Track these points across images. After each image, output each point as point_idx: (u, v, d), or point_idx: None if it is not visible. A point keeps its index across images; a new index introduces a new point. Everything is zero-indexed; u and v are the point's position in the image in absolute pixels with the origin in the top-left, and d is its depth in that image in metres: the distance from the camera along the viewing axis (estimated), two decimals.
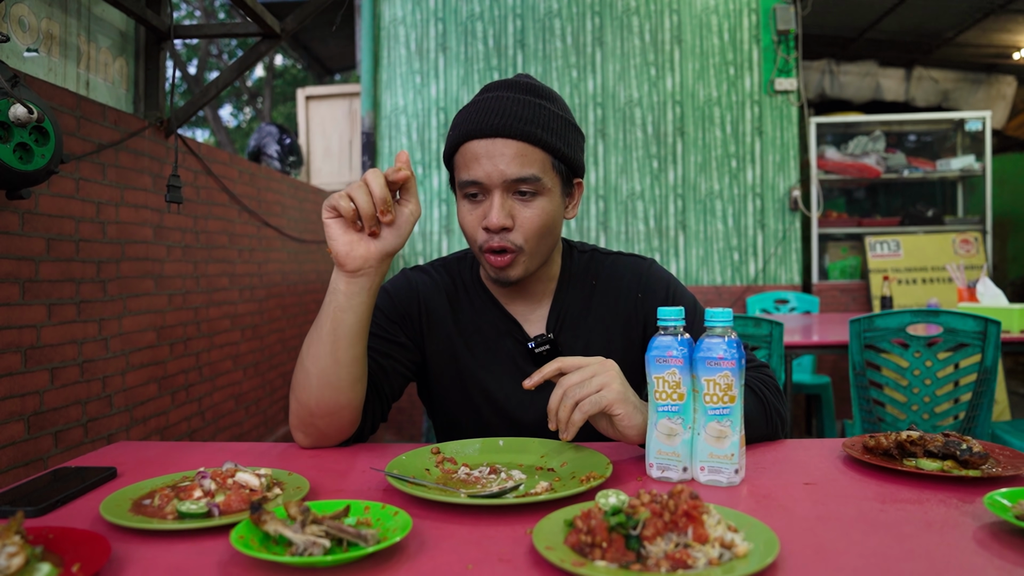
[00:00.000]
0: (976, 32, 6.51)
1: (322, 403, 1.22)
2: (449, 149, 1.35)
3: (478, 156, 1.28)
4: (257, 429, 3.94)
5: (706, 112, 5.71)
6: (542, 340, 1.40)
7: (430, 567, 0.78)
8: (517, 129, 1.28)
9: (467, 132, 1.30)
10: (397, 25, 5.94)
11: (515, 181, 1.27)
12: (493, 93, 1.34)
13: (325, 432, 1.27)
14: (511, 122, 1.28)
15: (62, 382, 2.39)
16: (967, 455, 1.06)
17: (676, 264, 5.70)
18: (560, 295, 1.45)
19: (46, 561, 0.77)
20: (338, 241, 1.16)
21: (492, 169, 1.27)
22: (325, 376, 1.21)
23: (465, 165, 1.30)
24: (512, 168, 1.27)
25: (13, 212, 2.18)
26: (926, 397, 2.55)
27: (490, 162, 1.27)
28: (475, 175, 1.28)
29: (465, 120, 1.32)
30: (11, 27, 2.40)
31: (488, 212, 1.28)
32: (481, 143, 1.28)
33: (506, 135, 1.27)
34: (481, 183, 1.28)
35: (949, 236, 5.51)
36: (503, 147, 1.27)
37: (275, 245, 4.18)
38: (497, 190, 1.28)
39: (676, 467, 1.07)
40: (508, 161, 1.27)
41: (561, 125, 1.33)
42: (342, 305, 1.18)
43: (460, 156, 1.32)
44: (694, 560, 0.74)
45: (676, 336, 1.07)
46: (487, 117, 1.29)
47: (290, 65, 15.67)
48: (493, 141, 1.28)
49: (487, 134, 1.28)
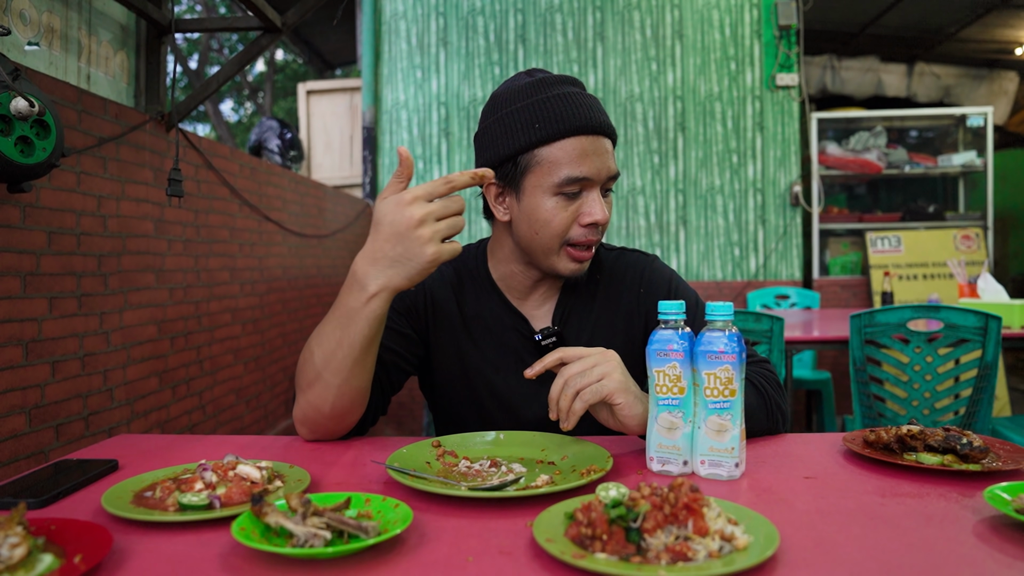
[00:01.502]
0: (978, 28, 6.50)
1: (338, 407, 1.22)
2: (537, 142, 1.28)
3: (586, 152, 1.28)
4: (258, 423, 3.95)
5: (707, 107, 5.70)
6: (548, 332, 1.40)
7: (431, 559, 0.79)
8: (612, 128, 1.33)
9: (574, 127, 1.27)
10: (398, 20, 5.93)
11: (611, 179, 1.32)
12: (572, 89, 1.33)
13: (333, 430, 1.28)
14: (606, 121, 1.32)
15: (63, 375, 2.39)
16: (967, 449, 1.06)
17: (677, 259, 5.70)
18: (567, 291, 1.45)
19: (48, 552, 0.77)
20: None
21: (602, 166, 1.29)
22: (348, 385, 1.19)
23: (569, 161, 1.27)
24: (613, 164, 1.32)
25: (14, 206, 2.18)
26: (927, 393, 2.55)
27: (599, 159, 1.29)
28: (587, 172, 1.27)
29: (562, 116, 1.28)
30: (12, 20, 2.40)
31: (592, 208, 1.29)
32: (589, 139, 1.28)
33: (606, 134, 1.31)
34: (591, 180, 1.29)
35: (950, 232, 5.50)
36: (606, 144, 1.31)
37: (276, 239, 4.18)
38: (598, 187, 1.31)
39: (677, 461, 1.07)
40: (610, 158, 1.32)
41: None
42: (360, 325, 1.15)
43: (558, 150, 1.27)
44: (694, 553, 0.75)
45: (677, 330, 1.07)
46: (589, 113, 1.29)
47: (291, 60, 15.65)
48: (599, 139, 1.30)
49: (595, 131, 1.29)
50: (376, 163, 5.97)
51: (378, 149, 5.98)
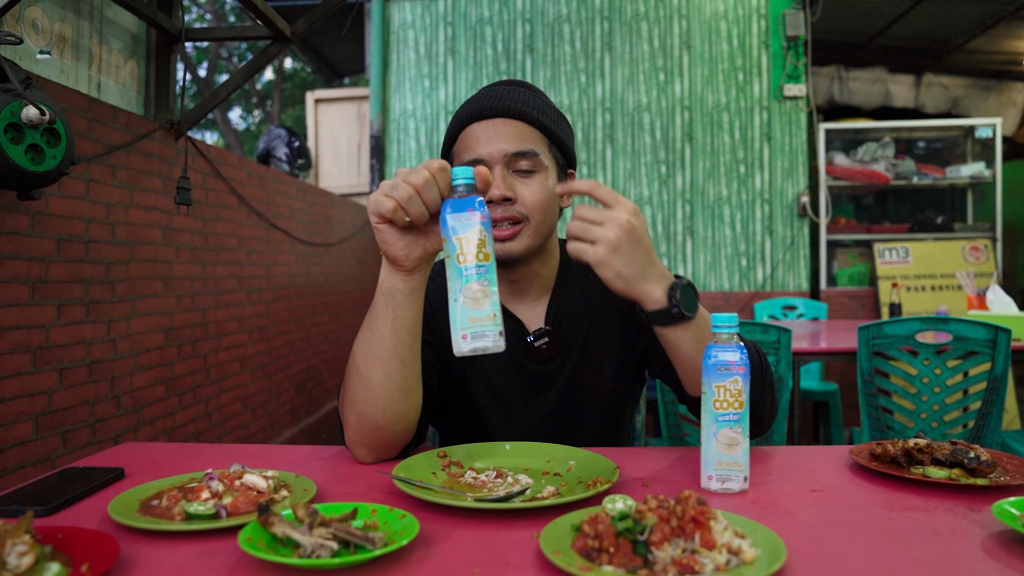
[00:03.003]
0: (986, 39, 6.49)
1: (389, 411, 1.17)
2: (448, 140, 1.40)
3: (478, 138, 1.33)
4: (264, 431, 3.95)
5: (715, 117, 5.70)
6: (541, 333, 1.40)
7: (437, 571, 0.79)
8: (515, 110, 1.34)
9: (467, 116, 1.36)
10: (406, 29, 5.96)
11: (515, 155, 1.32)
12: (487, 89, 1.41)
13: (391, 443, 1.21)
14: (509, 104, 1.34)
15: (70, 382, 2.40)
16: (975, 463, 1.05)
17: (684, 270, 5.69)
18: (558, 291, 1.45)
19: (55, 560, 0.77)
20: (395, 247, 1.10)
21: (493, 147, 1.31)
22: (392, 381, 1.16)
23: (466, 148, 1.34)
24: (512, 144, 1.32)
25: (24, 213, 2.19)
26: (935, 405, 2.54)
27: (490, 141, 1.32)
28: (477, 153, 1.32)
29: (463, 110, 1.38)
30: (24, 29, 2.42)
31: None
32: (481, 125, 1.34)
33: (505, 115, 1.33)
34: (483, 160, 1.31)
35: (959, 243, 5.48)
36: (502, 126, 1.33)
37: (283, 248, 4.19)
38: (498, 165, 1.31)
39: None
40: (508, 138, 1.32)
41: (555, 113, 1.41)
42: (403, 303, 1.14)
43: (460, 142, 1.37)
44: (701, 566, 0.74)
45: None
46: (485, 102, 1.35)
47: (299, 68, 15.72)
48: (492, 122, 1.33)
49: (486, 115, 1.34)
50: (384, 172, 5.98)
51: (386, 158, 5.99)
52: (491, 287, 1.00)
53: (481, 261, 1.00)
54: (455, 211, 1.01)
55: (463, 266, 1.00)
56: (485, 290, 0.99)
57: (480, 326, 0.99)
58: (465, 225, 1.00)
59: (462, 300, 1.00)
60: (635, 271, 1.08)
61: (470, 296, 0.99)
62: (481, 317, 0.99)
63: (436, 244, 1.10)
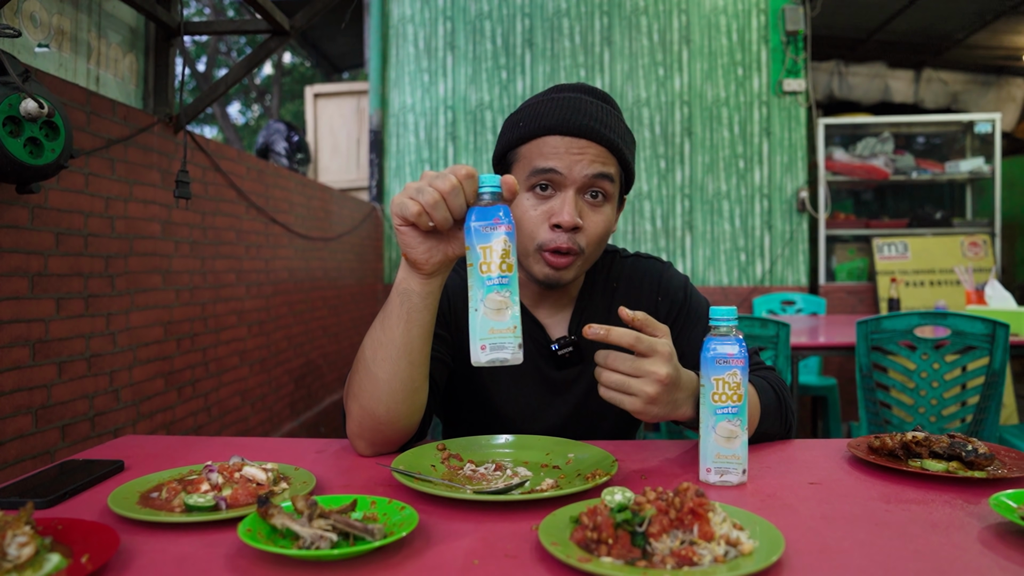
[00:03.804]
0: (986, 34, 6.49)
1: (392, 408, 1.16)
2: (517, 141, 1.32)
3: (559, 150, 1.26)
4: (263, 425, 3.95)
5: (714, 112, 5.70)
6: (565, 342, 1.39)
7: (436, 562, 0.79)
8: (601, 133, 1.27)
9: (549, 126, 1.27)
10: (406, 23, 5.95)
11: (594, 178, 1.26)
12: (570, 94, 1.32)
13: (391, 438, 1.21)
14: (596, 125, 1.27)
15: (70, 376, 2.40)
16: (972, 456, 1.06)
17: (683, 265, 5.69)
18: (583, 298, 1.44)
19: (55, 552, 0.77)
20: (416, 250, 1.08)
21: (575, 167, 1.26)
22: (398, 379, 1.15)
23: (542, 155, 1.27)
24: (594, 166, 1.26)
25: (23, 206, 2.19)
26: (933, 400, 2.55)
27: (572, 157, 1.26)
28: (554, 164, 1.26)
29: (544, 115, 1.29)
30: (23, 22, 2.42)
31: (560, 209, 1.26)
32: (564, 139, 1.27)
33: (591, 137, 1.27)
34: (560, 174, 1.26)
35: (957, 238, 5.49)
36: (586, 147, 1.27)
37: (282, 242, 4.19)
38: (572, 188, 1.26)
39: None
40: (590, 160, 1.26)
41: (629, 136, 1.35)
42: (417, 306, 1.13)
43: (534, 147, 1.29)
44: (699, 557, 0.75)
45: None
46: (573, 115, 1.27)
47: (299, 63, 15.70)
48: (577, 140, 1.27)
49: (572, 132, 1.26)
50: (382, 166, 5.98)
51: (385, 152, 5.99)
52: (512, 298, 0.99)
53: (504, 272, 0.98)
54: (480, 219, 1.00)
55: (486, 276, 0.98)
56: (506, 301, 0.98)
57: (500, 338, 0.98)
58: (490, 235, 0.99)
59: (483, 310, 0.99)
60: (669, 409, 1.10)
61: (491, 307, 0.98)
62: (501, 329, 0.98)
63: (458, 250, 1.08)
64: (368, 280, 5.75)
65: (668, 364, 1.06)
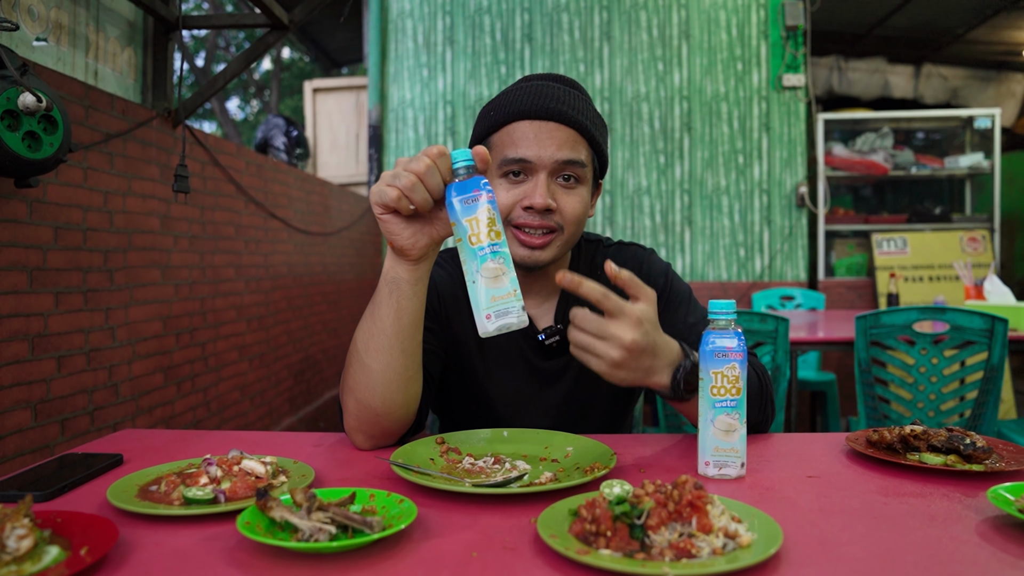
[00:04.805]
0: (986, 29, 6.48)
1: (388, 399, 1.17)
2: (488, 130, 1.35)
3: (527, 136, 1.29)
4: (262, 420, 3.96)
5: (713, 108, 5.69)
6: (551, 331, 1.40)
7: (434, 554, 0.79)
8: (570, 116, 1.30)
9: (517, 112, 1.30)
10: (405, 18, 5.94)
11: (564, 163, 1.29)
12: (537, 82, 1.35)
13: (388, 430, 1.21)
14: (565, 109, 1.30)
15: (69, 370, 2.40)
16: (970, 450, 1.06)
17: (682, 260, 5.69)
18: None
19: (54, 544, 0.77)
20: (401, 236, 1.09)
21: (542, 150, 1.28)
22: (392, 369, 1.15)
23: (512, 143, 1.30)
24: (563, 151, 1.29)
25: (21, 200, 2.19)
26: (932, 394, 2.55)
27: (540, 143, 1.28)
28: (524, 153, 1.28)
29: (512, 102, 1.32)
30: (21, 16, 2.41)
31: (532, 192, 1.28)
32: (532, 124, 1.29)
33: (559, 120, 1.29)
34: (530, 162, 1.28)
35: (956, 234, 5.49)
36: (555, 130, 1.29)
37: (281, 237, 4.19)
38: (543, 172, 1.29)
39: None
40: (560, 144, 1.29)
41: (599, 119, 1.38)
42: (407, 294, 1.13)
43: (505, 135, 1.32)
44: (698, 549, 0.75)
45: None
46: (539, 100, 1.30)
47: (297, 58, 15.66)
48: (545, 124, 1.29)
49: (541, 116, 1.29)
50: (382, 161, 5.97)
51: (384, 147, 5.98)
52: (507, 263, 1.00)
53: (494, 240, 1.00)
54: (460, 194, 1.01)
55: (477, 247, 1.00)
56: (501, 267, 1.00)
57: (503, 303, 0.99)
58: (473, 207, 1.00)
59: (481, 281, 0.99)
60: (639, 375, 1.08)
61: (489, 275, 0.99)
62: (502, 294, 0.99)
63: (441, 231, 1.10)
64: (367, 275, 5.75)
65: (635, 329, 1.04)
